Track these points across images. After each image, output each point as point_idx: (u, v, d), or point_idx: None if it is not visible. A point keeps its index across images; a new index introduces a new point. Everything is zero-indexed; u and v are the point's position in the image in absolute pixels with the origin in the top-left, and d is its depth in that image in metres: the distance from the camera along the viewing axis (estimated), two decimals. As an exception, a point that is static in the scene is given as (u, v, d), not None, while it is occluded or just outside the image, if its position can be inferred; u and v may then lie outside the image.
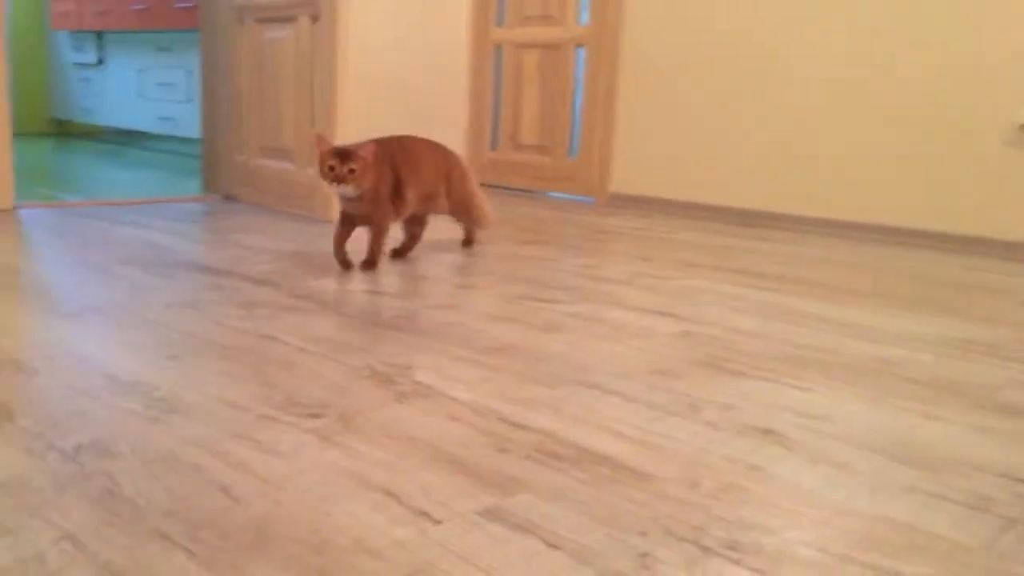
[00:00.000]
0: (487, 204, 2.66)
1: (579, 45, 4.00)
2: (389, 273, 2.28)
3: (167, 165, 4.80)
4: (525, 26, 4.18)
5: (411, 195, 2.36)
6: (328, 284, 2.11)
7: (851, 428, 1.30)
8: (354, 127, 3.83)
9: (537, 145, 4.22)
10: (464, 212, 2.59)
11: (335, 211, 3.08)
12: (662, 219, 3.57)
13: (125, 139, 5.88)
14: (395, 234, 2.51)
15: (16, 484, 0.99)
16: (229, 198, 3.52)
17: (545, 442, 1.20)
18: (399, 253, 2.52)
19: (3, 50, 2.90)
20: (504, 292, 2.13)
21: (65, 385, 1.32)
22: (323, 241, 2.67)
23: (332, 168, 2.12)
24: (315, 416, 1.24)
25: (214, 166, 3.61)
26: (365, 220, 2.29)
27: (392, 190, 2.30)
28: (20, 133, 6.09)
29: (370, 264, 2.30)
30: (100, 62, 5.69)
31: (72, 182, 3.96)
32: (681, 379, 1.50)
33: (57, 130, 6.34)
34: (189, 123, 4.88)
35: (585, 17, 3.99)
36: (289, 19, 3.11)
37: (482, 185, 4.40)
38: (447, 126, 4.34)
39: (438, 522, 0.95)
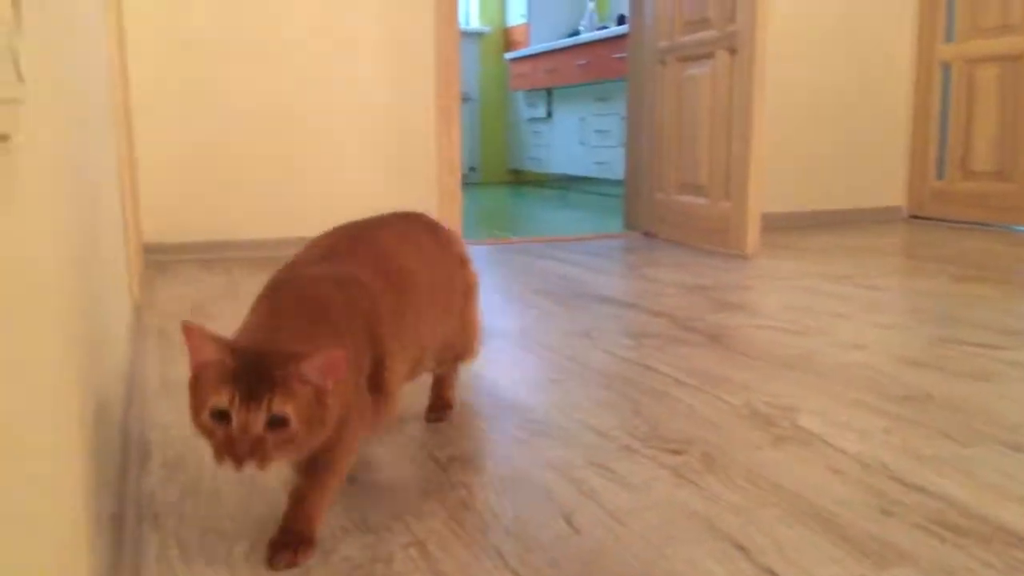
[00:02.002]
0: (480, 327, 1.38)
1: (1052, 49, 3.38)
2: (791, 308, 2.11)
3: (599, 206, 5.10)
4: (979, 39, 3.66)
5: (401, 369, 1.07)
6: (725, 319, 2.02)
7: None
8: (773, 161, 3.69)
9: (994, 171, 3.64)
10: (453, 349, 1.29)
11: (750, 244, 2.99)
12: None
13: (567, 184, 6.40)
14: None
15: (392, 487, 1.08)
16: (647, 234, 3.61)
17: (945, 510, 0.98)
18: (435, 415, 1.35)
19: (458, 119, 3.32)
20: (928, 333, 1.84)
21: (465, 403, 1.42)
22: (730, 276, 2.59)
23: (230, 419, 0.82)
24: (676, 452, 1.18)
25: (635, 204, 3.73)
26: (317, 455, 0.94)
27: (370, 374, 1.00)
28: (484, 183, 6.97)
29: (299, 544, 0.91)
30: (549, 115, 6.28)
31: (517, 222, 4.40)
32: None
33: (513, 179, 7.13)
34: (620, 167, 5.13)
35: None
36: (708, 56, 3.10)
37: (920, 219, 3.93)
38: (881, 155, 3.96)
39: (785, 586, 0.82)
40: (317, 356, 0.82)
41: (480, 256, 3.13)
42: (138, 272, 2.22)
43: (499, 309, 2.18)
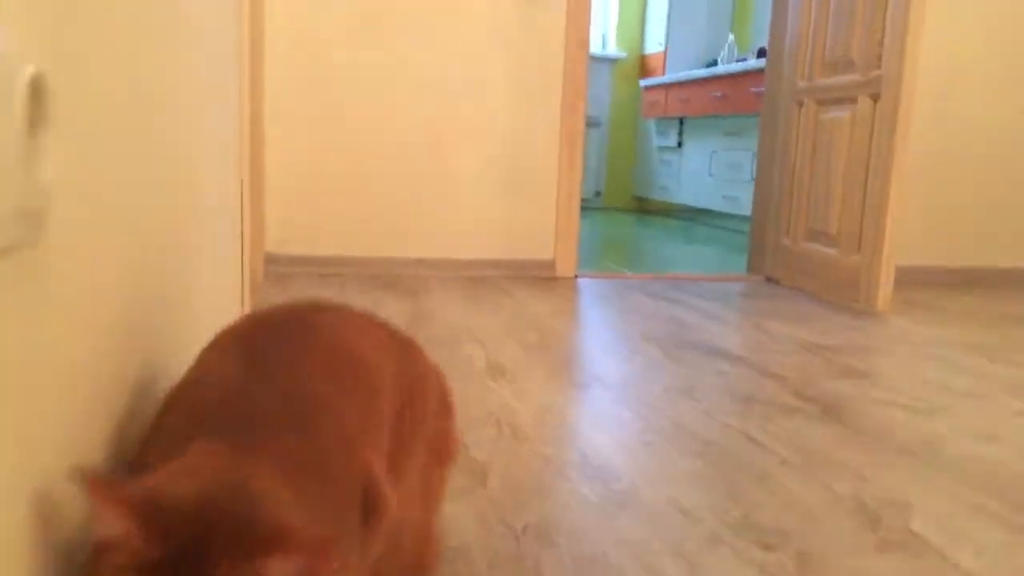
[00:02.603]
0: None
1: None
2: (918, 381, 1.95)
3: (725, 242, 4.94)
4: None
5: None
6: (844, 387, 1.88)
7: None
8: (911, 209, 3.45)
9: None
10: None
11: (881, 301, 2.80)
12: None
13: (694, 216, 6.24)
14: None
15: (458, 553, 1.04)
16: (771, 280, 3.45)
17: (1074, 663, 0.86)
18: None
19: (581, 146, 3.28)
20: (1075, 428, 1.65)
21: (547, 456, 1.37)
22: (855, 335, 2.43)
23: None
24: (768, 547, 1.08)
25: (760, 247, 3.58)
26: None
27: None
28: (608, 208, 6.90)
29: None
30: (679, 145, 6.16)
31: (636, 254, 4.31)
32: None
33: (638, 207, 7.02)
34: (749, 203, 4.95)
35: None
36: (849, 100, 2.94)
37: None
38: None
39: None
40: (296, 549, 0.45)
41: (592, 289, 3.06)
42: (250, 283, 2.27)
43: (604, 351, 2.12)
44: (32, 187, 0.44)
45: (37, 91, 0.44)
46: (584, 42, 3.24)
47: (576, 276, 3.35)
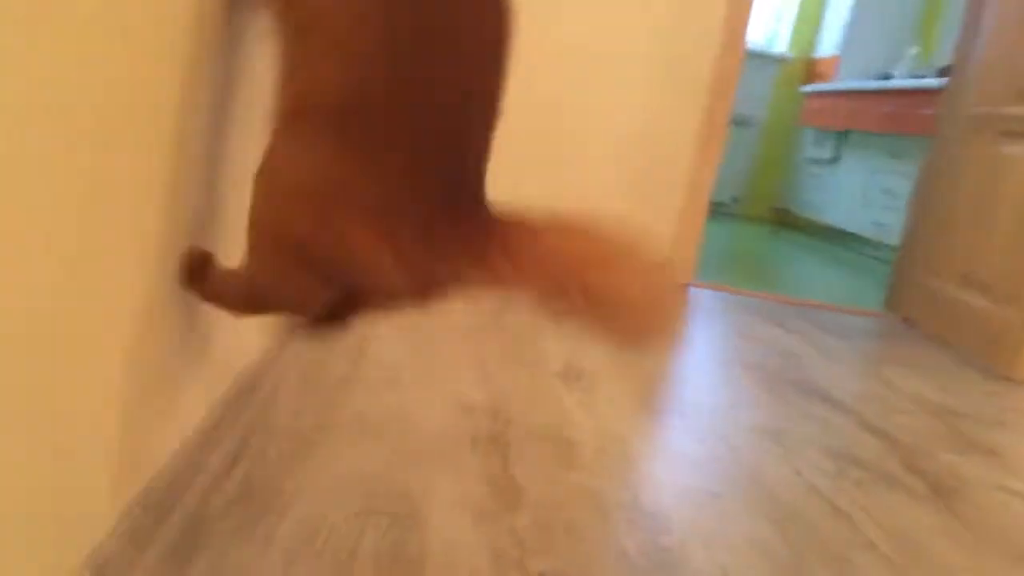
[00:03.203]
0: None
1: None
2: (1063, 476, 1.66)
3: (867, 271, 4.57)
4: None
5: None
6: (963, 464, 1.63)
7: None
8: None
9: None
10: None
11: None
12: None
13: (836, 238, 5.82)
14: None
15: (456, 589, 0.90)
16: (907, 321, 3.12)
17: None
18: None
19: (718, 150, 3.05)
20: None
21: (594, 490, 1.22)
22: (989, 402, 2.13)
23: None
24: (823, 660, 0.90)
25: (902, 282, 3.25)
26: None
27: None
28: (743, 215, 6.55)
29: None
30: (834, 160, 5.74)
31: (760, 270, 4.03)
32: None
33: (775, 218, 6.63)
34: (900, 232, 4.55)
35: None
36: (1034, 133, 2.59)
37: None
38: None
39: None
40: None
41: (702, 302, 2.85)
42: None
43: (695, 374, 1.93)
44: None
45: None
46: (741, 36, 2.99)
47: (688, 284, 3.14)
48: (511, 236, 0.75)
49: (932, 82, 4.54)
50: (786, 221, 6.55)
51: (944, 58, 5.10)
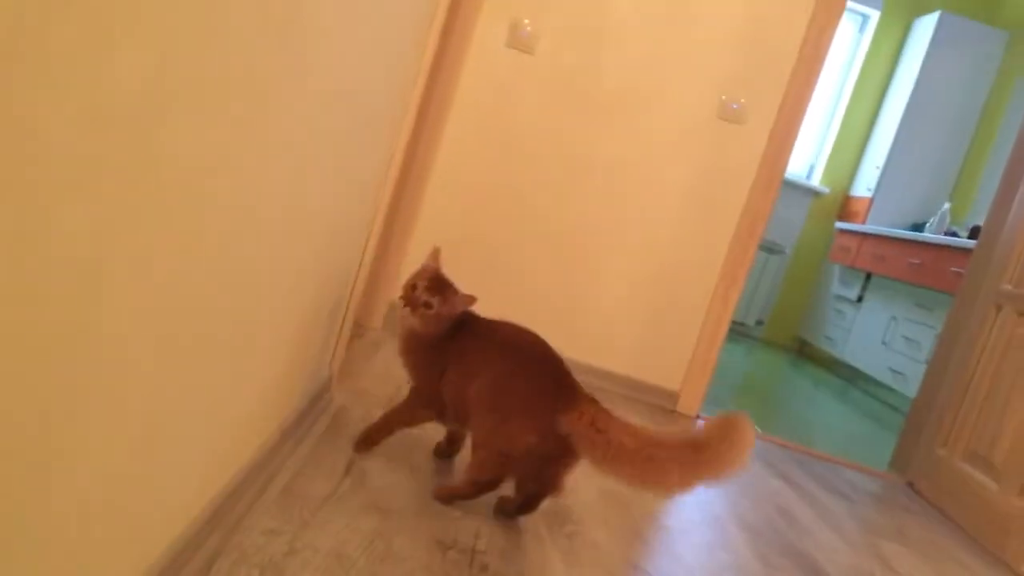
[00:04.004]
0: None
1: None
2: None
3: (880, 418, 4.51)
4: None
5: None
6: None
7: None
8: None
9: None
10: None
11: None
12: None
13: (852, 378, 5.77)
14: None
15: None
16: (911, 486, 3.06)
17: None
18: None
19: (740, 284, 3.06)
20: None
21: None
22: (988, 600, 2.06)
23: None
24: None
25: (909, 446, 3.19)
26: None
27: None
28: (766, 341, 6.52)
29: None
30: (859, 300, 5.73)
31: (773, 406, 3.98)
32: None
33: (797, 348, 6.59)
34: (917, 384, 4.50)
35: None
36: (1058, 320, 2.57)
37: None
38: None
39: None
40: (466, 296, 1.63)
41: (707, 441, 2.81)
42: (347, 336, 2.21)
43: (686, 532, 1.88)
44: None
45: None
46: (777, 179, 3.03)
47: (699, 417, 3.10)
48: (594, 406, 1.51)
49: (962, 242, 4.55)
50: (806, 352, 6.51)
51: (976, 218, 5.13)
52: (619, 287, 3.07)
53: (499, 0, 2.94)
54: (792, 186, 6.24)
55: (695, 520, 1.98)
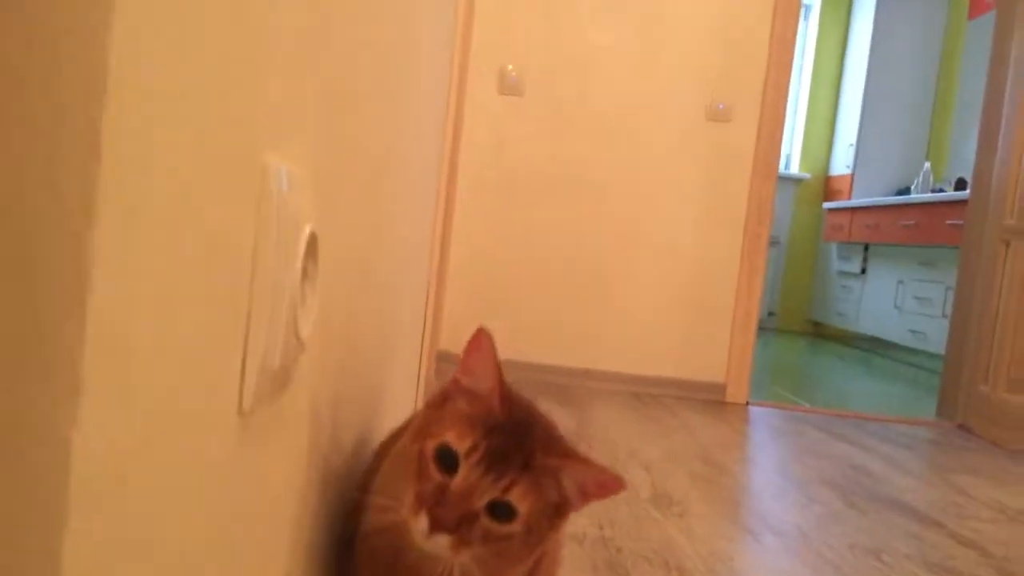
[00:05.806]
0: None
1: None
2: None
3: (910, 380, 4.63)
4: None
5: None
6: (1058, 570, 1.67)
7: None
8: None
9: None
10: None
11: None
12: None
13: (873, 347, 5.90)
14: None
15: None
16: (963, 428, 3.17)
17: None
18: None
19: (762, 271, 3.21)
20: None
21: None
22: (1068, 507, 2.17)
23: (454, 472, 0.63)
24: None
25: (953, 391, 3.31)
26: None
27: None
28: (781, 330, 6.65)
29: None
30: (862, 272, 5.89)
31: (810, 384, 4.10)
32: None
33: (813, 331, 6.73)
34: (939, 340, 4.64)
35: None
36: (1066, 241, 2.72)
37: None
38: None
39: None
40: (599, 469, 0.64)
41: (764, 420, 2.92)
42: (424, 381, 2.33)
43: (777, 495, 1.99)
44: (293, 340, 0.46)
45: (311, 248, 0.47)
46: (773, 168, 3.19)
47: (748, 403, 3.22)
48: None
49: (953, 195, 4.73)
50: (822, 332, 6.64)
51: (958, 170, 5.32)
52: (650, 298, 3.21)
53: (481, 51, 3.12)
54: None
55: (782, 485, 2.09)
